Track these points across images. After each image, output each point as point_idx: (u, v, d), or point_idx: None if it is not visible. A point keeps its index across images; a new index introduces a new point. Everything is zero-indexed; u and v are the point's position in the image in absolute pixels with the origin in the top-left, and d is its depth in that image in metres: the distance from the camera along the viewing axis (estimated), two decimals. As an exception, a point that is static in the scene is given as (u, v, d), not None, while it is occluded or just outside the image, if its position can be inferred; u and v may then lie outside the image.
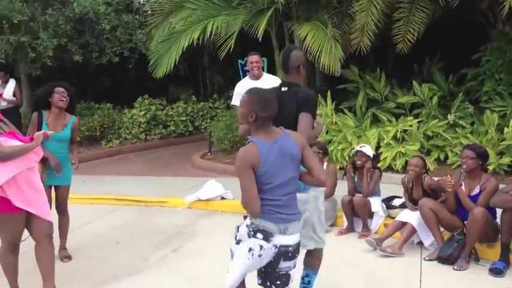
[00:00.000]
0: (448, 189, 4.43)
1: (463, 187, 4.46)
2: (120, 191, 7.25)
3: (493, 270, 4.13)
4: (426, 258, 4.50)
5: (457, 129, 7.43)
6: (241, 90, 5.84)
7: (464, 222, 4.44)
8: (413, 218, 4.72)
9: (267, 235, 2.75)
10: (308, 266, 3.49)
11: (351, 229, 5.33)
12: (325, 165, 5.40)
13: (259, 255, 2.77)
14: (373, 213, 5.28)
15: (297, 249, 2.87)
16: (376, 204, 5.30)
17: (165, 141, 11.68)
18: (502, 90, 7.64)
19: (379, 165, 7.08)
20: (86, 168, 9.26)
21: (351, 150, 6.63)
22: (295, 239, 2.83)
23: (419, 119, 7.77)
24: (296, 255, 2.87)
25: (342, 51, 7.60)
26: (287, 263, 2.83)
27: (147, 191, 7.19)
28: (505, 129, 6.87)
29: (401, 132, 7.57)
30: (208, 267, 4.51)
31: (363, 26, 7.38)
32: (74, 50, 10.07)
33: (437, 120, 7.58)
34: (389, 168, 7.23)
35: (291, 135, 2.86)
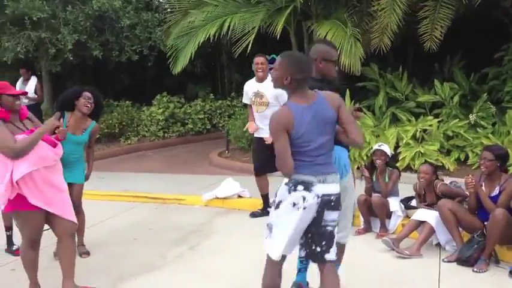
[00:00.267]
0: (469, 190, 4.37)
1: (483, 188, 4.40)
2: (138, 188, 7.30)
3: (514, 273, 4.06)
4: (445, 260, 4.43)
5: (478, 129, 7.32)
6: (248, 89, 5.85)
7: (485, 223, 4.37)
8: (431, 217, 4.63)
9: (308, 185, 2.80)
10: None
11: (368, 229, 5.28)
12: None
13: (304, 208, 2.79)
14: (392, 213, 5.23)
15: (338, 200, 2.91)
16: (394, 204, 5.24)
17: (182, 139, 11.72)
18: (525, 90, 7.52)
19: (398, 165, 7.02)
20: (104, 165, 9.36)
21: (369, 150, 6.57)
22: (336, 188, 2.89)
23: (439, 119, 7.68)
24: (339, 207, 2.92)
25: (364, 50, 7.55)
26: (331, 215, 2.87)
27: (165, 188, 7.23)
28: (528, 130, 6.76)
29: (420, 132, 7.48)
30: (225, 265, 4.51)
31: (385, 26, 7.29)
32: (93, 46, 10.17)
33: (457, 120, 7.48)
34: (408, 168, 7.16)
35: (327, 97, 2.91)
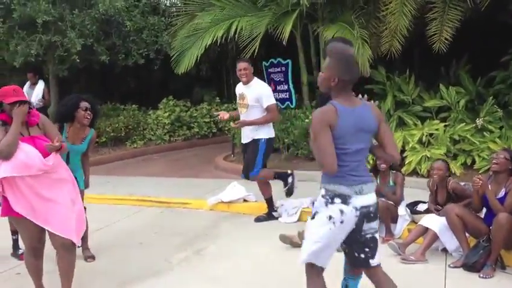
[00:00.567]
0: (475, 188, 4.36)
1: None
2: (143, 191, 7.32)
3: (521, 279, 4.03)
4: (451, 265, 4.40)
5: (485, 133, 7.28)
6: (236, 91, 5.96)
7: (490, 228, 4.34)
8: (435, 224, 4.61)
9: (345, 198, 2.76)
10: (351, 273, 3.28)
11: (374, 233, 5.25)
12: None
13: (341, 222, 2.75)
14: (397, 217, 5.20)
15: (376, 209, 2.88)
16: (401, 208, 5.22)
17: (188, 143, 11.74)
18: (532, 94, 7.46)
19: (404, 169, 6.99)
20: (110, 168, 9.40)
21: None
22: (373, 198, 2.86)
23: (446, 123, 7.64)
24: (378, 215, 2.90)
25: (372, 53, 7.54)
26: (371, 224, 2.85)
27: (170, 192, 7.23)
28: (535, 134, 6.71)
29: (427, 136, 7.44)
30: (230, 269, 4.51)
31: (394, 29, 7.27)
32: (100, 50, 10.21)
33: (464, 124, 7.44)
34: (414, 172, 7.12)
35: (372, 106, 2.92)
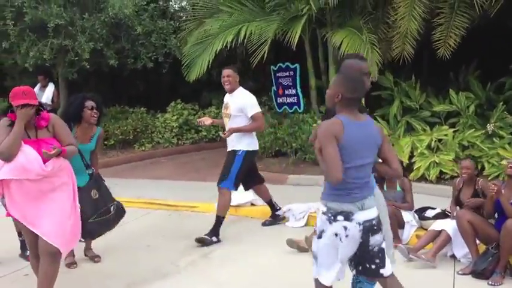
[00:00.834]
0: (490, 193, 4.35)
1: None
2: (151, 194, 7.33)
3: (530, 287, 4.00)
4: (460, 272, 4.37)
5: (495, 139, 7.23)
6: (224, 100, 5.82)
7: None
8: (449, 227, 4.61)
9: (348, 215, 2.80)
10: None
11: (382, 239, 5.23)
12: None
13: (347, 236, 2.79)
14: (404, 223, 5.18)
15: (379, 222, 2.93)
16: (407, 214, 5.20)
17: (196, 146, 11.75)
18: (542, 100, 7.42)
19: (412, 174, 6.96)
20: (118, 171, 9.42)
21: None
22: (375, 211, 2.90)
23: (455, 129, 7.61)
24: (381, 227, 2.93)
25: (381, 57, 7.54)
26: (376, 237, 2.89)
27: (178, 195, 7.25)
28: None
29: (435, 141, 7.41)
30: (237, 273, 4.50)
31: (405, 33, 7.26)
32: (109, 54, 10.27)
33: (473, 129, 7.40)
34: (423, 178, 7.09)
35: (376, 124, 2.99)
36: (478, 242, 4.50)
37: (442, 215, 5.06)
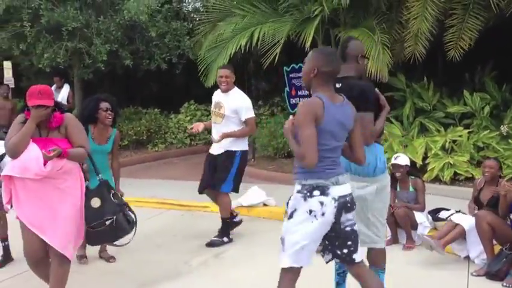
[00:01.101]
0: (502, 192, 4.30)
1: None
2: (164, 194, 7.37)
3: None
4: (474, 274, 4.33)
5: (510, 140, 7.15)
6: (213, 98, 5.75)
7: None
8: (466, 223, 4.55)
9: (323, 189, 2.76)
10: (372, 264, 3.43)
11: (395, 240, 5.21)
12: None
13: (323, 214, 2.75)
14: (417, 225, 5.14)
15: (353, 200, 2.89)
16: (420, 215, 5.17)
17: (209, 147, 11.60)
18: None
19: (426, 175, 6.91)
20: (132, 171, 9.48)
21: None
22: (349, 188, 2.86)
23: (469, 130, 7.53)
24: (354, 206, 2.89)
25: (391, 59, 7.49)
26: (348, 216, 2.85)
27: (191, 196, 7.24)
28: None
29: (450, 142, 7.35)
30: (249, 274, 4.51)
31: (416, 33, 7.21)
32: (124, 55, 10.34)
33: (488, 131, 7.32)
34: (437, 179, 7.03)
35: (351, 106, 2.92)
36: (494, 242, 4.44)
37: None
